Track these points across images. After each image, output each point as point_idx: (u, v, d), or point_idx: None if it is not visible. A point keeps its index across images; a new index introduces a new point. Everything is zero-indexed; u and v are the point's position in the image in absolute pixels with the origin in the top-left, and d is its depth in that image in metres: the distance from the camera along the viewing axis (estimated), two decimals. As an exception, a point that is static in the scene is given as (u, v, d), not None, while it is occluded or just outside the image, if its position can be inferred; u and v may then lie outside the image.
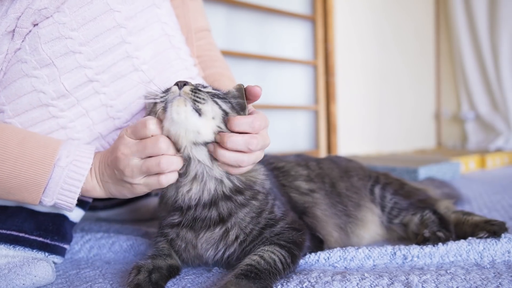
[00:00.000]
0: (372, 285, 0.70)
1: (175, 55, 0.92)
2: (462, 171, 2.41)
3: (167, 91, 0.76)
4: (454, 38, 3.67)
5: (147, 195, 1.39)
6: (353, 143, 3.13)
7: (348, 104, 3.08)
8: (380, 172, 1.15)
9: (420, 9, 3.77)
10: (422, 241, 0.91)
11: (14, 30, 0.80)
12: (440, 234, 0.91)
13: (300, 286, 0.72)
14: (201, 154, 0.76)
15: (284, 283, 0.73)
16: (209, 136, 0.75)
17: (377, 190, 1.06)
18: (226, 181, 0.80)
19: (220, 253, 0.81)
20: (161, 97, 0.75)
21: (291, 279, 0.74)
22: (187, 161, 0.76)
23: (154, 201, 1.37)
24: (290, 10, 2.69)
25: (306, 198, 0.95)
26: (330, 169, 1.07)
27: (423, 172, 1.97)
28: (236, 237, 0.79)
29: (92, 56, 0.82)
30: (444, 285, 0.70)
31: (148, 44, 0.88)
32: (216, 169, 0.78)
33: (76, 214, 0.95)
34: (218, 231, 0.79)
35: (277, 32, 2.67)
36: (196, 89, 0.74)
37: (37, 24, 0.80)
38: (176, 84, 0.74)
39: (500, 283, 0.70)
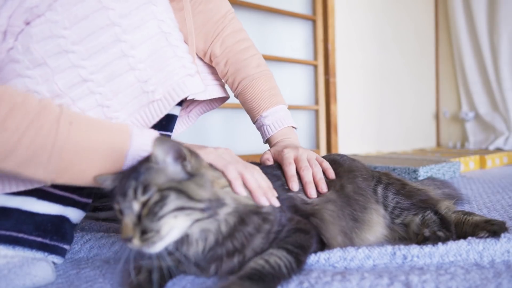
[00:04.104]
0: (372, 285, 0.70)
1: (172, 53, 0.90)
2: (462, 171, 2.41)
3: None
4: (454, 38, 3.67)
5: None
6: (353, 143, 3.13)
7: (348, 104, 3.08)
8: (382, 172, 1.14)
9: (420, 9, 3.77)
10: (422, 240, 0.91)
11: (6, 29, 0.79)
12: (440, 233, 0.91)
13: (300, 286, 0.72)
14: (195, 228, 0.73)
15: (284, 284, 0.73)
16: (187, 222, 0.71)
17: (379, 189, 1.05)
18: (222, 227, 0.75)
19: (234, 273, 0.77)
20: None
21: (291, 280, 0.74)
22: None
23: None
24: (290, 10, 2.69)
25: (316, 202, 0.94)
26: (339, 171, 1.07)
27: (423, 172, 1.97)
28: (249, 259, 0.76)
29: (85, 55, 0.81)
30: (444, 285, 0.70)
31: (144, 42, 0.86)
32: (212, 224, 0.74)
33: (76, 215, 0.95)
34: (236, 260, 0.76)
35: (277, 32, 2.67)
36: (143, 231, 0.67)
37: (29, 23, 0.79)
38: (124, 240, 0.68)
39: (499, 283, 0.70)
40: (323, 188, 0.95)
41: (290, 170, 0.97)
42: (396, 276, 0.73)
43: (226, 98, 1.29)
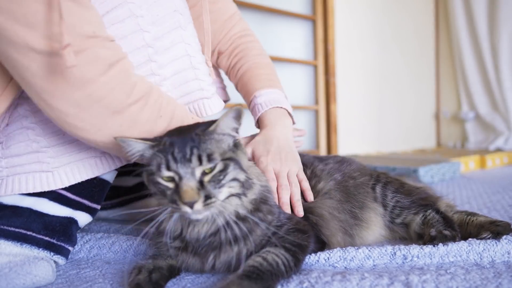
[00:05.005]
0: (372, 285, 0.70)
1: (193, 75, 0.95)
2: (462, 171, 2.41)
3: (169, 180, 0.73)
4: (454, 38, 3.67)
5: (147, 195, 1.40)
6: (353, 143, 3.13)
7: (348, 104, 3.08)
8: (380, 171, 1.14)
9: (420, 9, 3.77)
10: (429, 240, 0.90)
11: None
12: (446, 232, 0.90)
13: (300, 286, 0.72)
14: (218, 206, 0.75)
15: (284, 283, 0.73)
16: (225, 195, 0.75)
17: (378, 189, 1.05)
18: (241, 210, 0.78)
19: (232, 268, 0.78)
20: (171, 204, 0.73)
21: (291, 279, 0.74)
22: None
23: (154, 201, 1.37)
24: (290, 10, 2.69)
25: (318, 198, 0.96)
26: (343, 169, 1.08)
27: (423, 172, 1.97)
28: (247, 251, 0.78)
29: None
30: (444, 285, 0.70)
31: (171, 63, 0.91)
32: (231, 206, 0.77)
33: (84, 219, 0.96)
34: (236, 250, 0.77)
35: (277, 32, 2.67)
36: (208, 196, 0.71)
37: None
38: (186, 204, 0.71)
39: (500, 283, 0.70)
40: (299, 211, 0.91)
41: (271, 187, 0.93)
42: (396, 276, 0.73)
43: (227, 100, 1.31)
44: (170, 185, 0.73)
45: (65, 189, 0.90)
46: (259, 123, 1.14)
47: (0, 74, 0.80)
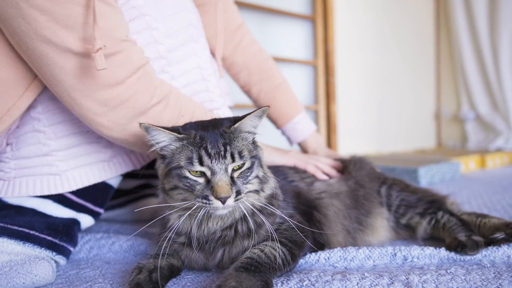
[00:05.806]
0: (372, 285, 0.70)
1: (204, 87, 0.98)
2: (462, 171, 2.41)
3: (201, 174, 0.74)
4: (454, 38, 3.67)
5: (148, 195, 1.40)
6: (353, 143, 3.13)
7: (348, 104, 3.08)
8: (386, 175, 1.14)
9: (420, 9, 3.77)
10: (456, 245, 0.86)
11: None
12: (476, 238, 0.86)
13: (300, 284, 0.72)
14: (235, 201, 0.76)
15: (285, 281, 0.73)
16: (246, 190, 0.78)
17: (383, 190, 1.05)
18: (257, 203, 0.80)
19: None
20: (201, 199, 0.74)
21: (291, 278, 0.74)
22: None
23: (154, 201, 1.38)
24: (290, 10, 2.69)
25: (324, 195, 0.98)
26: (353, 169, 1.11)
27: (423, 172, 1.97)
28: (253, 246, 0.78)
29: None
30: (444, 285, 0.70)
31: (182, 75, 0.94)
32: (249, 199, 0.78)
33: (87, 221, 0.97)
34: (246, 244, 0.78)
35: (277, 32, 2.67)
36: (238, 192, 0.74)
37: None
38: (220, 199, 0.72)
39: (500, 284, 0.70)
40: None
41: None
42: (397, 276, 0.73)
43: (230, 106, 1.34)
44: (200, 180, 0.74)
45: (70, 191, 0.91)
46: (300, 144, 1.43)
47: (24, 74, 0.81)
